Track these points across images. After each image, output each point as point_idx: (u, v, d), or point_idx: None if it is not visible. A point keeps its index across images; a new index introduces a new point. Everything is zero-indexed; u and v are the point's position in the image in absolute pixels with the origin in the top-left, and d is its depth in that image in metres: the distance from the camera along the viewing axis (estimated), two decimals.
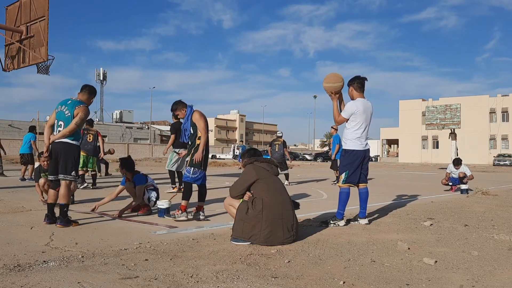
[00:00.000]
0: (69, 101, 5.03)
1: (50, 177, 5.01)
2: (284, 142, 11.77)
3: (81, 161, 8.92)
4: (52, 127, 5.06)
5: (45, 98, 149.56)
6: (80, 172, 9.29)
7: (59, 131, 4.94)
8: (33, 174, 12.30)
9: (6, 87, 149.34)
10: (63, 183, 4.88)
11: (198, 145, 5.40)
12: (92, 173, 9.87)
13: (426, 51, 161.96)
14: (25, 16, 11.47)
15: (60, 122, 4.95)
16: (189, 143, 5.58)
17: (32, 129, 13.03)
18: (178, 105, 5.63)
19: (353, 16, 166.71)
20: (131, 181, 6.02)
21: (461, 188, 9.55)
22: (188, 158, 5.49)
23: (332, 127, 12.85)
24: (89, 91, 5.20)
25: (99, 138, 10.03)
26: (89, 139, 9.75)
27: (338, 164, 12.04)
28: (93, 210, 5.81)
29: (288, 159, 12.22)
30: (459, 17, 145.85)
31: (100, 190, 9.29)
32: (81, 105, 4.99)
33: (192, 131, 5.50)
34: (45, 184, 6.60)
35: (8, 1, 12.06)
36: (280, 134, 12.29)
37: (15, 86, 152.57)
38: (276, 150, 11.81)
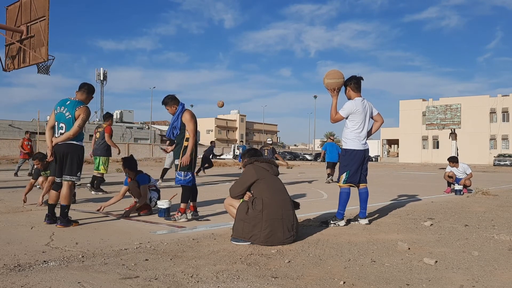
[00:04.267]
0: (68, 102, 4.97)
1: (57, 180, 4.99)
2: (273, 149, 12.19)
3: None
4: (52, 128, 5.01)
5: (45, 98, 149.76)
6: (96, 173, 8.70)
7: (61, 133, 4.89)
8: None
9: (6, 87, 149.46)
10: (65, 184, 4.88)
11: (186, 146, 5.34)
12: (98, 174, 8.79)
13: (427, 51, 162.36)
14: (25, 16, 11.46)
15: (61, 124, 4.90)
16: (175, 142, 5.52)
17: None
18: (171, 100, 5.50)
19: (355, 16, 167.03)
20: (134, 180, 6.03)
21: (455, 189, 9.55)
22: (177, 162, 5.41)
23: (329, 137, 13.56)
24: (88, 90, 5.13)
25: (106, 133, 8.76)
26: (97, 136, 8.87)
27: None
28: (98, 210, 5.81)
29: (283, 163, 13.05)
30: (461, 16, 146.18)
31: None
32: (82, 106, 4.94)
33: (180, 131, 5.43)
34: (43, 182, 6.65)
35: (8, 1, 12.06)
36: (270, 142, 13.06)
37: (15, 86, 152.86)
38: (265, 155, 12.01)
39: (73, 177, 4.89)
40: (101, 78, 68.37)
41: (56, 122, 4.95)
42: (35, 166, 7.01)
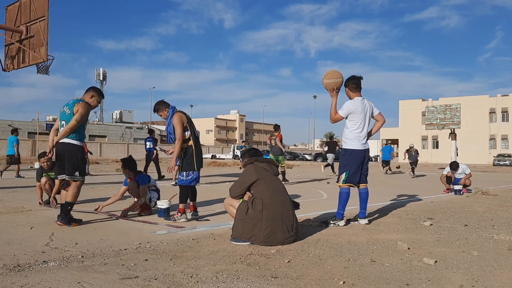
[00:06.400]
0: (71, 101, 5.05)
1: (59, 177, 5.06)
2: (416, 150, 18.56)
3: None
4: (56, 130, 5.09)
5: (45, 98, 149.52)
6: (280, 168, 11.47)
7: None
8: (19, 172, 12.80)
9: (6, 87, 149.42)
10: (72, 183, 4.94)
11: (186, 148, 5.37)
12: (281, 170, 11.67)
13: (427, 51, 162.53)
14: (25, 16, 11.46)
15: (62, 122, 4.97)
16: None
17: (14, 131, 13.76)
18: (160, 106, 5.55)
19: (355, 16, 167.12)
20: (134, 180, 6.02)
21: (455, 188, 9.56)
22: (179, 163, 5.42)
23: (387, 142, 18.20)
24: (93, 91, 5.19)
25: (277, 139, 11.94)
26: (273, 143, 12.05)
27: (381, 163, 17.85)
28: (96, 210, 5.81)
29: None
30: (461, 16, 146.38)
31: (100, 190, 9.29)
32: (81, 102, 4.99)
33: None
34: (46, 183, 6.63)
35: (8, 1, 12.06)
36: (412, 145, 19.19)
37: (15, 86, 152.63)
38: (413, 154, 18.38)
39: (72, 177, 4.91)
40: (101, 78, 68.15)
41: (59, 122, 5.02)
42: (36, 166, 7.01)
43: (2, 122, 47.84)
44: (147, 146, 13.00)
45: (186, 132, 5.37)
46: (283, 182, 11.29)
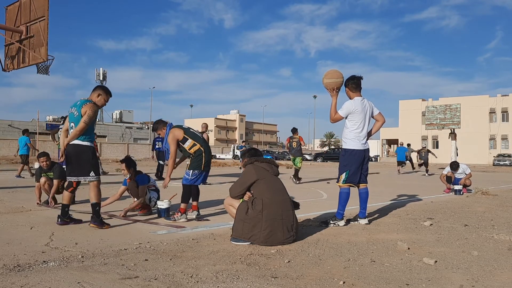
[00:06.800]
0: (78, 102, 5.03)
1: (69, 178, 5.00)
2: (427, 151, 19.77)
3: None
4: (67, 131, 5.08)
5: (45, 98, 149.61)
6: (295, 167, 12.44)
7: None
8: (21, 172, 12.88)
9: (6, 87, 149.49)
10: (90, 184, 4.93)
11: (196, 150, 5.44)
12: (296, 169, 12.44)
13: (427, 51, 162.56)
14: (25, 16, 11.45)
15: (71, 124, 4.96)
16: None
17: (25, 132, 14.09)
18: (158, 125, 5.73)
19: (355, 16, 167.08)
20: (133, 180, 6.02)
21: (455, 188, 9.56)
22: (188, 162, 5.53)
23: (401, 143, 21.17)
24: (100, 89, 5.15)
25: (301, 141, 12.64)
26: (294, 145, 12.54)
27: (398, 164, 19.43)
28: None
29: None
30: (461, 16, 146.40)
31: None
32: (88, 103, 4.96)
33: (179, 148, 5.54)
34: (45, 183, 6.62)
35: (8, 1, 12.05)
36: (425, 145, 19.46)
37: (15, 86, 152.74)
38: (423, 155, 19.69)
39: (87, 177, 4.89)
40: (101, 78, 68.01)
41: (69, 123, 5.02)
42: (36, 166, 6.99)
43: (2, 122, 47.84)
44: (156, 146, 12.89)
45: (187, 142, 5.45)
46: (295, 181, 12.06)
